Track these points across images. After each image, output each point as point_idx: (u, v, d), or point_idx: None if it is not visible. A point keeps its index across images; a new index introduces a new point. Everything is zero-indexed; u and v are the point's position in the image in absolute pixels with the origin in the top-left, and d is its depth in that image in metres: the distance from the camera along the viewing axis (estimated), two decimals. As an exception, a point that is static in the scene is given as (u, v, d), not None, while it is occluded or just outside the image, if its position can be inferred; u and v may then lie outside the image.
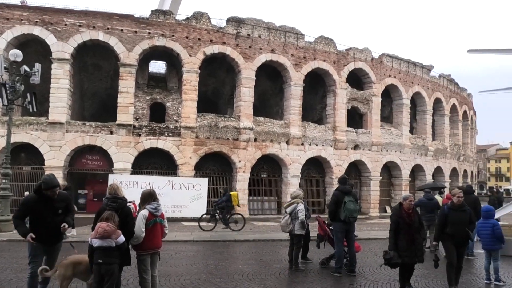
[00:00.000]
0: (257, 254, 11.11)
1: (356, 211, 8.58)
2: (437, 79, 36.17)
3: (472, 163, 46.14)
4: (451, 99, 37.95)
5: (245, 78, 24.66)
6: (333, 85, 27.91)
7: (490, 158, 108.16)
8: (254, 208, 25.51)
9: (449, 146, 36.92)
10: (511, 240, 11.08)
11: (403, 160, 31.43)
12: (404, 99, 31.80)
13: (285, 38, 26.05)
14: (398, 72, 31.64)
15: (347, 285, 7.76)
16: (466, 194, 11.36)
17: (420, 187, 18.32)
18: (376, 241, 14.19)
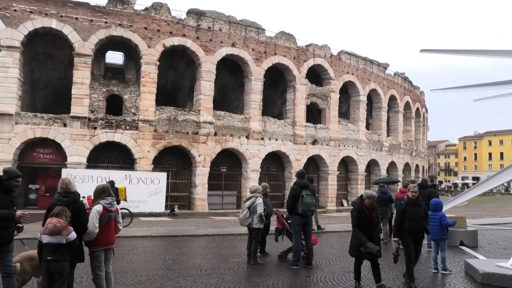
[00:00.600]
0: (216, 248, 11.09)
1: (313, 205, 8.72)
2: (392, 77, 37.45)
3: (424, 158, 48.24)
4: (405, 97, 39.44)
5: (205, 71, 24.42)
6: (293, 81, 28.22)
7: (440, 153, 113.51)
8: (213, 203, 25.43)
9: (402, 142, 38.41)
10: (457, 232, 11.70)
11: (359, 155, 32.37)
12: (361, 95, 32.71)
13: (246, 32, 26.01)
14: (356, 69, 32.46)
15: (304, 277, 7.90)
16: (421, 188, 11.88)
17: (375, 181, 19.02)
18: (333, 234, 14.54)
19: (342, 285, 7.33)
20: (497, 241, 13.14)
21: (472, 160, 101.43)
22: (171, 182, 23.69)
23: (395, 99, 37.53)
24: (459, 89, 13.58)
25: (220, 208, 25.66)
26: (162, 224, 16.94)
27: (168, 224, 16.82)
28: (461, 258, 9.41)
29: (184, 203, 24.51)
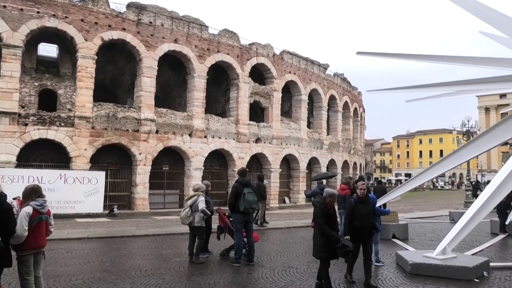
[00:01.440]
0: (156, 248, 10.86)
1: (255, 202, 8.83)
2: (332, 77, 38.76)
3: (361, 156, 50.48)
4: (344, 97, 40.99)
5: (146, 67, 23.78)
6: (237, 79, 28.30)
7: (376, 151, 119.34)
8: (155, 202, 24.87)
9: (341, 140, 39.92)
10: (389, 225, 12.39)
11: (301, 153, 33.18)
12: (303, 95, 33.53)
13: (189, 28, 25.66)
14: (298, 69, 33.21)
15: (245, 274, 7.97)
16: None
17: (314, 177, 19.58)
18: (275, 230, 14.79)
19: (283, 280, 7.48)
20: (425, 233, 14.08)
21: (405, 157, 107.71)
22: (110, 181, 22.83)
23: (335, 99, 38.90)
24: (392, 90, 14.32)
25: (162, 207, 25.16)
26: (100, 225, 16.29)
27: (106, 225, 16.21)
28: (393, 250, 9.97)
29: (124, 203, 23.73)
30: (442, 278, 7.59)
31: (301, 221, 17.19)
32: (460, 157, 12.81)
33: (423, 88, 14.86)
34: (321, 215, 6.58)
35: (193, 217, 8.94)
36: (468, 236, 10.71)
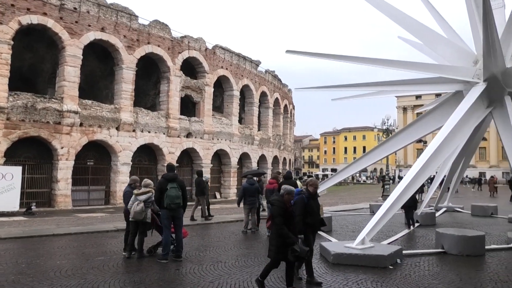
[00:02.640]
0: (79, 247, 10.33)
1: (178, 198, 8.57)
2: (263, 74, 39.36)
3: (290, 152, 51.93)
4: (274, 93, 41.83)
5: (70, 56, 22.39)
6: (168, 72, 27.69)
7: (305, 147, 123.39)
8: (79, 199, 23.61)
9: (272, 136, 40.75)
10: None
11: (232, 149, 33.35)
12: (235, 90, 33.69)
13: (117, 17, 24.58)
14: (230, 64, 33.27)
15: (173, 270, 7.88)
16: (286, 179, 12.77)
17: (244, 173, 19.83)
18: (205, 226, 14.74)
19: (211, 275, 7.50)
20: (348, 225, 14.88)
21: (331, 153, 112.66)
22: (27, 177, 21.25)
23: (266, 95, 39.58)
24: (320, 89, 14.96)
25: (86, 204, 23.94)
26: (15, 224, 15.12)
27: (23, 224, 15.08)
28: (317, 242, 10.38)
29: (44, 200, 22.22)
30: (361, 267, 8.08)
31: (231, 216, 17.34)
32: (380, 153, 13.77)
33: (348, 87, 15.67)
34: (279, 213, 6.19)
35: (146, 213, 8.83)
36: (384, 227, 11.50)
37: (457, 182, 19.42)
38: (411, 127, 13.43)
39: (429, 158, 10.15)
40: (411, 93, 21.51)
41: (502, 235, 12.27)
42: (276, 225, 6.15)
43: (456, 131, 10.65)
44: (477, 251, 9.51)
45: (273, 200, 6.53)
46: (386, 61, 12.84)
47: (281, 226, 6.09)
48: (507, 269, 8.33)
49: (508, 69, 11.03)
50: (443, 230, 10.42)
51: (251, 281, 7.08)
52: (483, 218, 17.35)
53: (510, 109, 11.48)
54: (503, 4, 12.90)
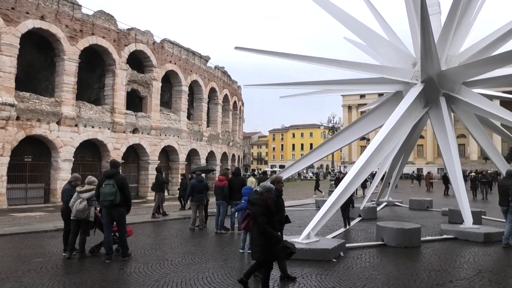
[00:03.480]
0: (14, 249, 9.74)
1: (111, 195, 8.14)
2: (213, 70, 39.11)
3: (239, 148, 52.09)
4: (224, 90, 41.73)
5: (6, 44, 20.92)
6: (113, 65, 26.72)
7: (254, 144, 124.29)
8: (15, 197, 22.20)
9: (221, 132, 40.64)
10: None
11: (180, 145, 32.87)
12: (183, 86, 33.20)
13: (58, 5, 23.31)
14: (179, 59, 32.72)
15: (117, 270, 7.66)
16: (235, 176, 12.81)
17: (192, 170, 19.66)
18: (151, 224, 14.44)
19: (157, 273, 7.37)
20: (295, 220, 15.15)
21: (280, 150, 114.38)
22: (-45, 174, 19.66)
23: (215, 92, 39.37)
24: (268, 86, 15.10)
25: (23, 203, 22.55)
26: None
27: (-50, 225, 13.96)
28: (265, 238, 10.54)
29: (-25, 198, 20.67)
30: (306, 260, 8.29)
31: (178, 213, 17.10)
32: (326, 150, 14.15)
33: (296, 85, 15.97)
34: (262, 212, 5.94)
35: (89, 211, 8.44)
36: (329, 221, 11.89)
37: (397, 177, 20.46)
38: (355, 125, 13.95)
39: (371, 154, 10.61)
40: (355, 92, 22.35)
41: (436, 227, 13.09)
42: (260, 224, 5.90)
43: (396, 129, 11.21)
44: (414, 243, 10.09)
45: (254, 200, 6.19)
46: (332, 60, 13.23)
47: (264, 226, 5.86)
48: (440, 258, 8.91)
49: (443, 71, 11.76)
50: (383, 224, 10.94)
51: (198, 278, 7.05)
52: (420, 211, 18.40)
53: (444, 109, 12.27)
54: (439, 10, 13.71)
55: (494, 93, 16.52)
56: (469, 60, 11.89)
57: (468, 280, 7.02)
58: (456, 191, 12.04)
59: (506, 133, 16.61)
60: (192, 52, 34.91)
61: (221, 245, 10.22)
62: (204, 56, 37.16)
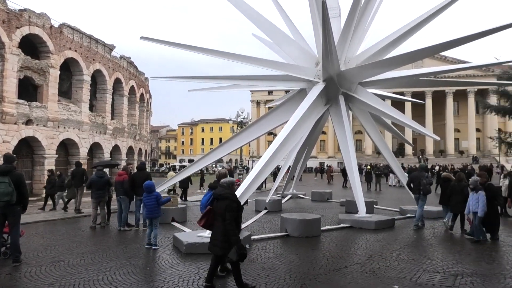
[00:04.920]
0: None
1: (7, 195, 7.33)
2: (118, 59, 37.23)
3: (147, 142, 50.42)
4: (130, 81, 39.98)
5: None
6: (2, 49, 24.03)
7: (162, 138, 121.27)
8: None
9: (127, 125, 38.92)
10: (169, 209, 12.86)
11: (81, 138, 30.82)
12: (85, 75, 31.13)
13: None
14: (80, 46, 30.57)
15: (4, 275, 6.93)
16: (140, 171, 12.36)
17: (94, 164, 18.46)
18: (47, 223, 13.34)
19: (51, 276, 6.84)
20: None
21: (189, 144, 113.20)
22: None
23: (121, 82, 37.53)
24: (176, 79, 14.80)
25: None
26: None
27: None
28: (171, 233, 10.38)
29: None
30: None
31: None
32: (234, 144, 14.32)
33: (204, 79, 15.89)
34: (235, 209, 5.84)
35: None
36: (236, 215, 12.04)
37: (300, 171, 21.48)
38: (262, 120, 14.33)
39: (276, 149, 11.00)
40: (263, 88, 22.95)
41: (335, 217, 14.03)
42: (227, 220, 5.73)
43: (300, 125, 11.76)
44: (314, 232, 10.70)
45: (225, 194, 5.96)
46: (240, 56, 13.42)
47: (232, 222, 5.74)
48: (337, 246, 9.58)
49: (342, 71, 12.60)
50: (286, 215, 11.42)
51: (98, 279, 6.70)
52: (321, 203, 19.57)
53: (343, 107, 13.19)
54: (339, 14, 14.64)
55: (386, 93, 18.11)
56: (365, 62, 12.91)
57: (361, 265, 7.66)
58: (352, 183, 13.03)
59: (395, 130, 18.37)
60: (95, 40, 32.81)
61: (125, 243, 9.82)
62: (109, 45, 35.17)
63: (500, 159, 59.99)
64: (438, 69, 14.79)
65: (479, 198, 9.66)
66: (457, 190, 11.15)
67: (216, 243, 5.93)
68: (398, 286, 6.35)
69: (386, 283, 6.51)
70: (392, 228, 11.92)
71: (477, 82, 40.78)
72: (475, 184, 9.91)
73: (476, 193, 9.81)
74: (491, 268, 7.45)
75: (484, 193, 9.75)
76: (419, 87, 49.62)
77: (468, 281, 6.61)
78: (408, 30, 12.64)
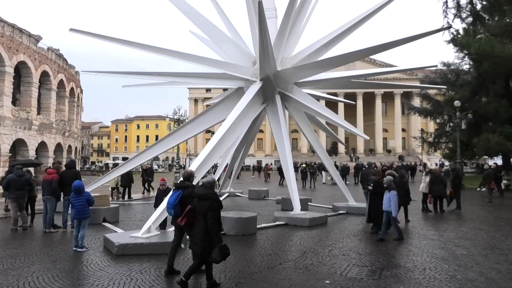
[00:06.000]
0: None
1: None
2: (45, 51, 34.93)
3: (77, 139, 47.83)
4: (59, 74, 37.70)
5: None
6: None
7: (94, 134, 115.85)
8: None
9: (55, 121, 36.65)
10: (100, 210, 12.31)
11: (2, 134, 28.53)
12: (7, 66, 28.84)
13: None
14: (1, 35, 28.26)
15: None
16: (68, 169, 11.68)
17: (13, 163, 16.93)
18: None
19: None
20: (136, 214, 14.71)
21: (123, 142, 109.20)
22: None
23: (48, 76, 35.23)
24: (109, 73, 14.19)
25: None
26: None
27: None
28: (101, 234, 9.94)
29: None
30: (146, 255, 8.08)
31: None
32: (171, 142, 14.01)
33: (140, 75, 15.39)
34: (217, 208, 5.91)
35: None
36: (172, 214, 11.79)
37: (238, 169, 21.58)
38: (200, 118, 14.16)
39: (214, 147, 10.95)
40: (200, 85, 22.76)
41: (271, 215, 14.24)
42: (211, 220, 5.80)
43: (237, 123, 11.80)
44: (250, 230, 10.79)
45: (208, 194, 5.98)
46: (177, 52, 13.15)
47: (214, 222, 5.83)
48: (272, 243, 9.74)
49: (279, 71, 12.84)
50: (223, 214, 11.33)
51: (18, 285, 6.25)
52: (258, 200, 19.78)
53: (279, 106, 13.44)
54: (275, 15, 14.87)
55: (320, 94, 18.72)
56: (300, 63, 13.25)
57: (294, 261, 7.84)
58: (288, 181, 13.32)
59: (329, 130, 19.05)
60: (18, 29, 30.45)
61: (50, 246, 9.22)
62: (34, 35, 32.81)
63: (422, 158, 64.81)
64: (368, 71, 15.61)
65: (391, 197, 9.82)
66: (399, 186, 11.91)
67: (197, 242, 5.96)
68: (329, 281, 6.59)
69: (318, 278, 6.73)
70: (325, 225, 12.34)
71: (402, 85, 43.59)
72: (389, 184, 10.06)
73: (389, 192, 9.95)
74: (414, 260, 7.98)
75: (396, 192, 9.94)
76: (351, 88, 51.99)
77: (393, 273, 7.03)
78: (341, 32, 13.15)
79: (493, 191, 19.29)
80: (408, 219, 12.75)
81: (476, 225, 12.36)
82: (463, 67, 37.59)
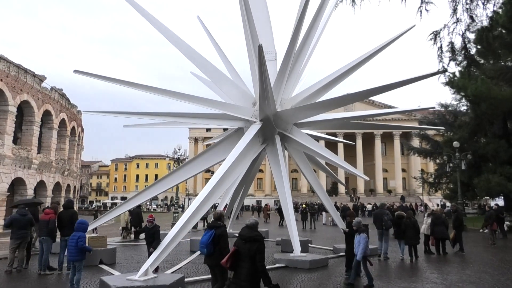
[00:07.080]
0: None
1: None
2: (48, 91, 35.57)
3: (76, 178, 47.70)
4: (61, 114, 38.17)
5: None
6: None
7: (93, 173, 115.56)
8: None
9: (54, 160, 36.72)
10: (97, 251, 12.07)
11: (2, 173, 28.50)
12: (10, 106, 29.27)
13: None
14: (6, 75, 28.87)
15: None
16: (66, 209, 11.59)
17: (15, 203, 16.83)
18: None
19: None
20: (133, 256, 14.42)
21: (122, 181, 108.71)
22: None
23: (50, 115, 35.68)
24: (111, 114, 14.35)
25: None
26: None
27: None
28: (98, 277, 9.70)
29: None
30: (141, 299, 7.86)
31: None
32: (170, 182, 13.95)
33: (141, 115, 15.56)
34: (263, 250, 5.91)
35: None
36: (170, 256, 11.63)
37: (237, 209, 21.34)
38: (200, 158, 14.17)
39: (213, 187, 10.88)
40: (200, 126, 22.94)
41: (270, 257, 13.92)
42: (259, 262, 5.82)
43: (237, 163, 11.79)
44: (249, 273, 10.51)
45: (256, 236, 6.04)
46: (178, 93, 13.37)
47: (263, 264, 5.88)
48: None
49: (278, 112, 12.99)
50: (222, 255, 11.15)
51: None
52: (257, 241, 19.37)
53: (279, 146, 13.50)
54: (275, 58, 15.24)
55: (319, 134, 18.86)
56: (299, 104, 13.43)
57: (295, 305, 7.61)
58: (288, 222, 13.15)
59: (329, 170, 19.02)
60: (24, 69, 31.17)
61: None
62: (39, 75, 33.54)
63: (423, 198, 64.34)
64: (367, 113, 15.80)
65: (360, 240, 9.34)
66: (410, 226, 12.89)
67: (244, 285, 5.87)
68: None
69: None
70: (325, 267, 12.08)
71: (401, 126, 44.11)
72: (358, 226, 9.67)
73: (359, 235, 9.51)
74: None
75: (365, 235, 9.48)
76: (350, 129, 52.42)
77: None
78: (339, 75, 13.43)
79: (496, 232, 19.04)
80: (417, 255, 13.34)
81: (480, 267, 12.10)
82: (461, 108, 38.14)
